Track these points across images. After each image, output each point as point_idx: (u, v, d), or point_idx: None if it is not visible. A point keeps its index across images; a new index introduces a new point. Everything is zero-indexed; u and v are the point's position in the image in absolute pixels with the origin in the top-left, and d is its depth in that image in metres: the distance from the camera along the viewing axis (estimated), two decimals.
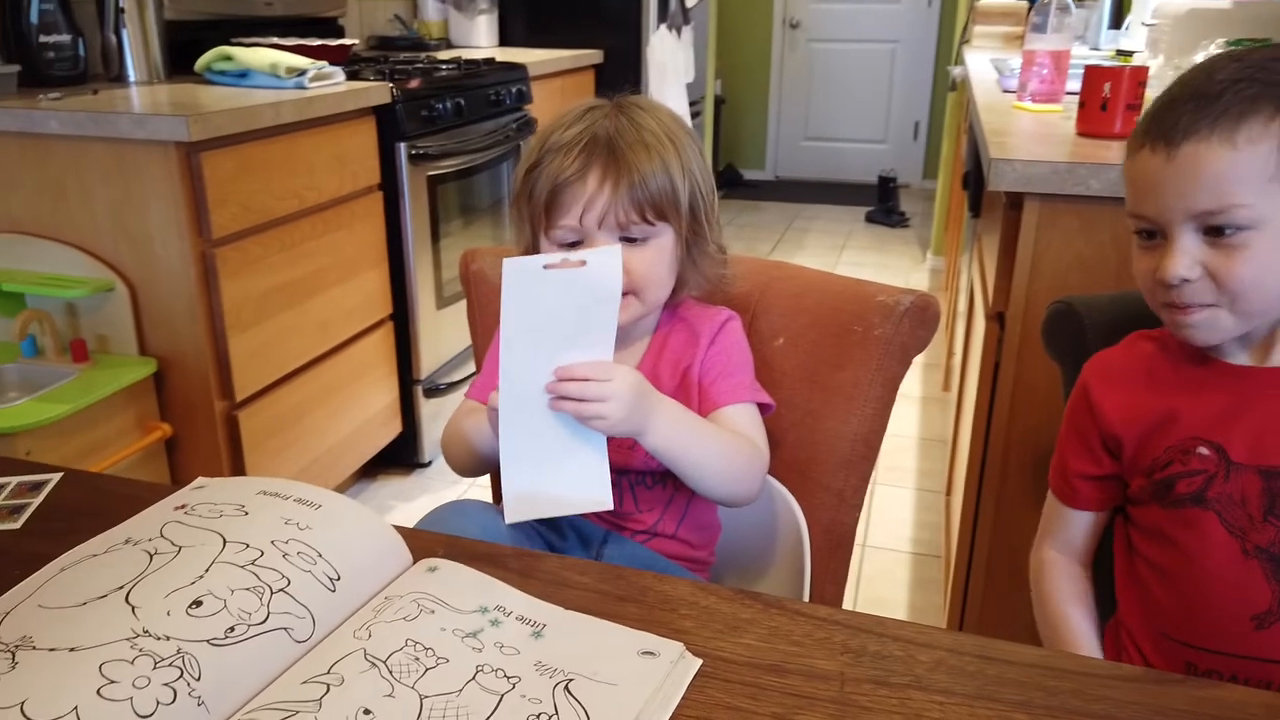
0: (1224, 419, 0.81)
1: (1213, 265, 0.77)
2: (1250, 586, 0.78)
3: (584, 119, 0.94)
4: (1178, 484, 0.82)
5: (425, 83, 2.38)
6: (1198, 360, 0.85)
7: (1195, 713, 0.56)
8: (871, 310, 0.98)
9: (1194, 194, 0.76)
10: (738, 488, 0.93)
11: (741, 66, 6.15)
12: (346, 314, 2.17)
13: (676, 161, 0.92)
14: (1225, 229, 0.76)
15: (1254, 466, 0.79)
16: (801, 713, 0.56)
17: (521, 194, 0.95)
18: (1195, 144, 0.75)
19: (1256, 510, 0.78)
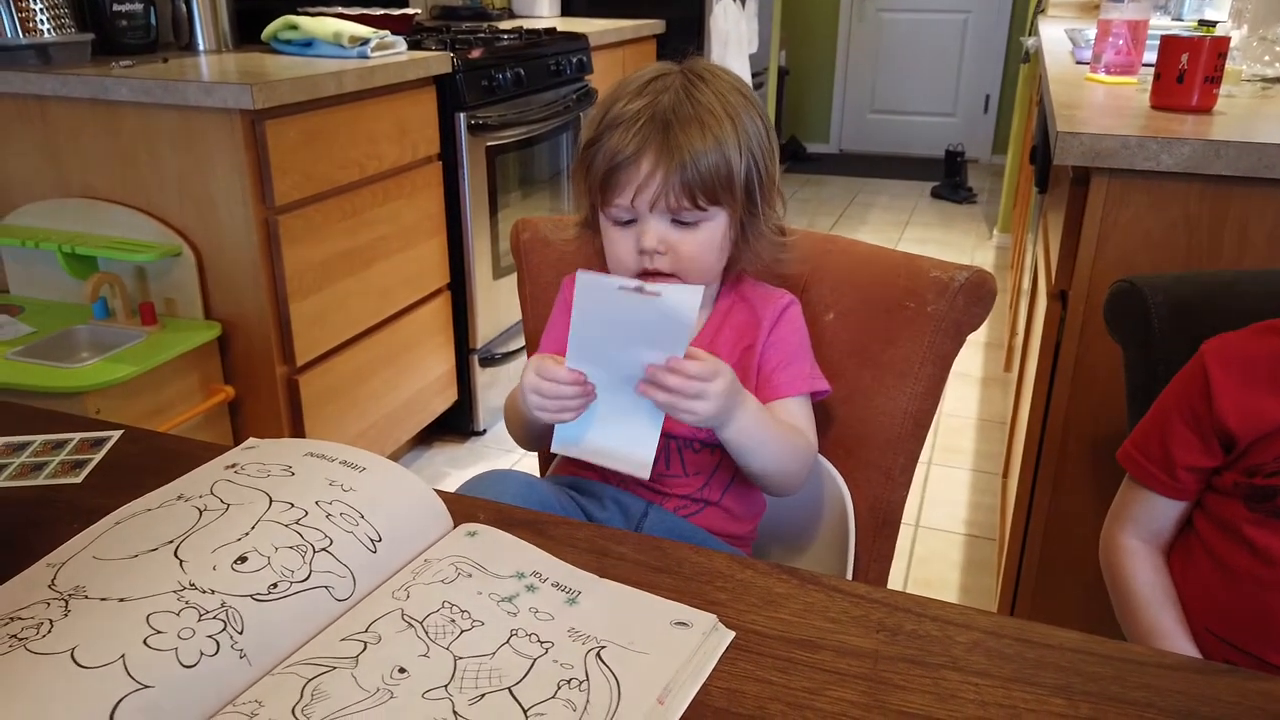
0: None
1: None
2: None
3: (646, 91, 0.92)
4: (1278, 496, 0.78)
5: (486, 52, 2.39)
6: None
7: (1242, 704, 0.54)
8: (925, 286, 0.96)
9: None
10: (788, 481, 0.94)
11: (808, 37, 6.04)
12: (405, 282, 2.20)
13: (734, 140, 0.90)
14: None
15: None
16: (832, 688, 0.55)
17: (581, 165, 0.95)
18: None
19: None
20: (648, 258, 0.91)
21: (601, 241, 0.96)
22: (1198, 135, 1.25)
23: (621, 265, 0.94)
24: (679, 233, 0.91)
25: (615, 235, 0.93)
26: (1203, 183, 1.23)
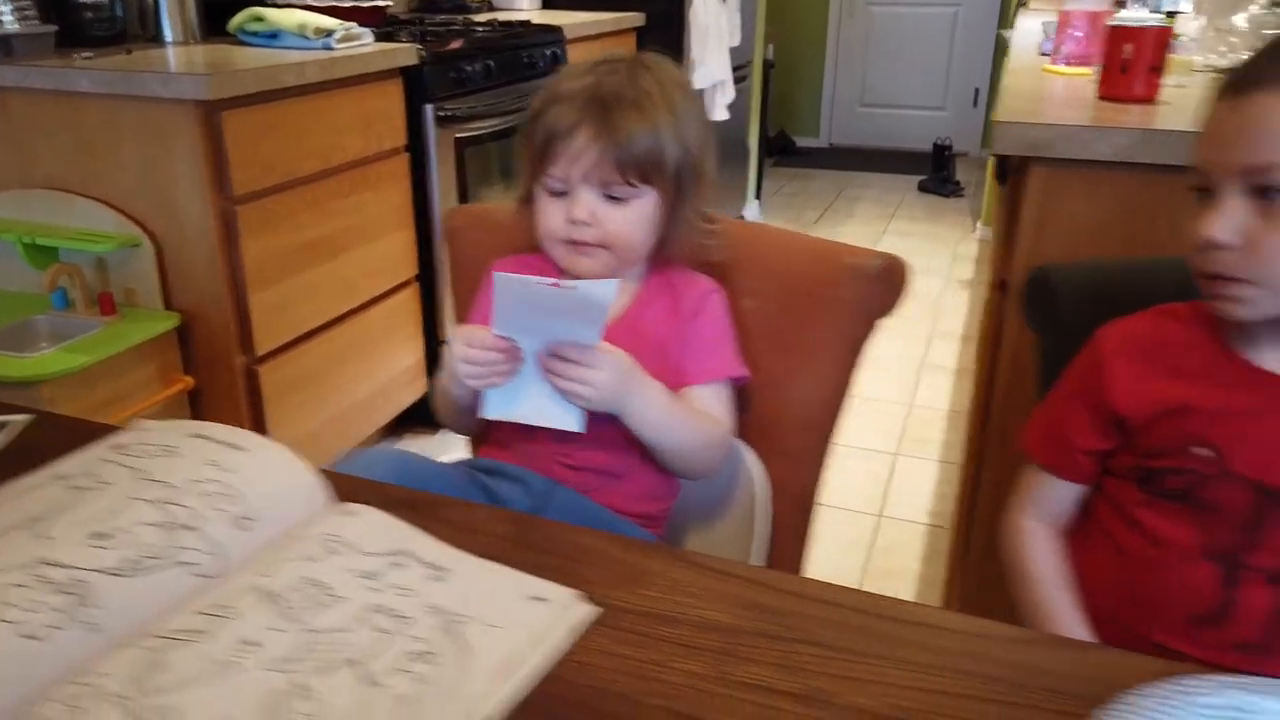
0: (1233, 424, 0.77)
1: (1255, 233, 0.70)
2: (1202, 588, 0.76)
3: (592, 72, 0.96)
4: (1168, 478, 0.79)
5: (455, 44, 2.39)
6: (1223, 352, 0.79)
7: (1090, 678, 0.55)
8: (839, 272, 0.96)
9: (1245, 146, 0.70)
10: (697, 465, 0.96)
11: (797, 30, 6.03)
12: (371, 274, 2.20)
13: (669, 127, 0.94)
14: (1273, 190, 0.70)
15: (1249, 480, 0.75)
16: (681, 661, 0.56)
17: (525, 133, 0.98)
18: (1260, 93, 0.70)
19: (1236, 521, 0.76)
20: (576, 228, 0.94)
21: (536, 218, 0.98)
22: (1137, 125, 1.25)
23: (551, 234, 0.97)
24: (609, 207, 0.95)
25: (548, 205, 0.96)
26: (1139, 172, 1.24)
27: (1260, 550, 0.75)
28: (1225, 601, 0.76)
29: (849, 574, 2.04)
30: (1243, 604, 0.75)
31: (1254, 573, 0.75)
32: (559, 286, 0.82)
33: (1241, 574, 0.75)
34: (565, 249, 0.96)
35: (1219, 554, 0.76)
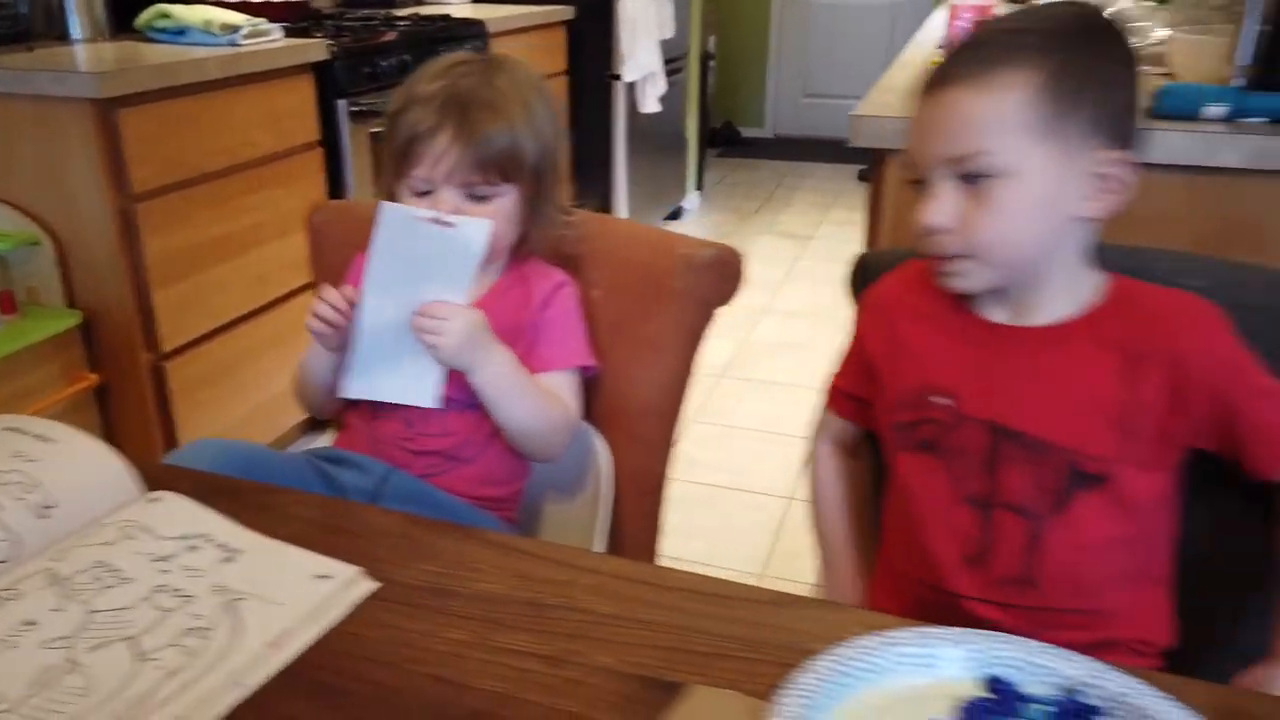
0: (964, 371, 0.82)
1: (966, 214, 0.76)
2: (964, 531, 0.81)
3: (448, 74, 1.00)
4: (919, 429, 0.84)
5: (372, 39, 2.41)
6: (956, 305, 0.85)
7: (809, 632, 0.60)
8: (674, 263, 1.01)
9: (946, 138, 0.75)
10: (541, 444, 1.00)
11: (738, 22, 6.08)
12: (285, 269, 2.22)
13: (526, 125, 0.99)
14: (976, 176, 0.75)
15: (982, 421, 0.80)
16: (449, 630, 0.60)
17: (385, 136, 1.02)
18: (954, 89, 0.75)
19: (977, 462, 0.80)
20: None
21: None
22: None
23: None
24: (472, 205, 0.98)
25: (413, 203, 0.99)
26: None
27: (1003, 488, 0.79)
28: (985, 540, 0.80)
29: (756, 556, 2.10)
30: (1000, 541, 0.79)
31: (1003, 510, 0.79)
32: (439, 222, 0.88)
33: (994, 513, 0.79)
34: None
35: (972, 497, 0.80)
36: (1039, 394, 0.79)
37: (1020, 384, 0.80)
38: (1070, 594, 0.79)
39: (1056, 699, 0.55)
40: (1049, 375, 0.79)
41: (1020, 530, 0.79)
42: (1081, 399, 0.78)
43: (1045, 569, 0.79)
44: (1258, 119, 1.21)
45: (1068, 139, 0.74)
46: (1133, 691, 0.53)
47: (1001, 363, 0.81)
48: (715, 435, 2.57)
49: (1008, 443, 0.79)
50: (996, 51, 0.75)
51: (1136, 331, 0.78)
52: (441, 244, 0.89)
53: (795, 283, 3.67)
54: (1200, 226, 1.19)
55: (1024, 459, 0.79)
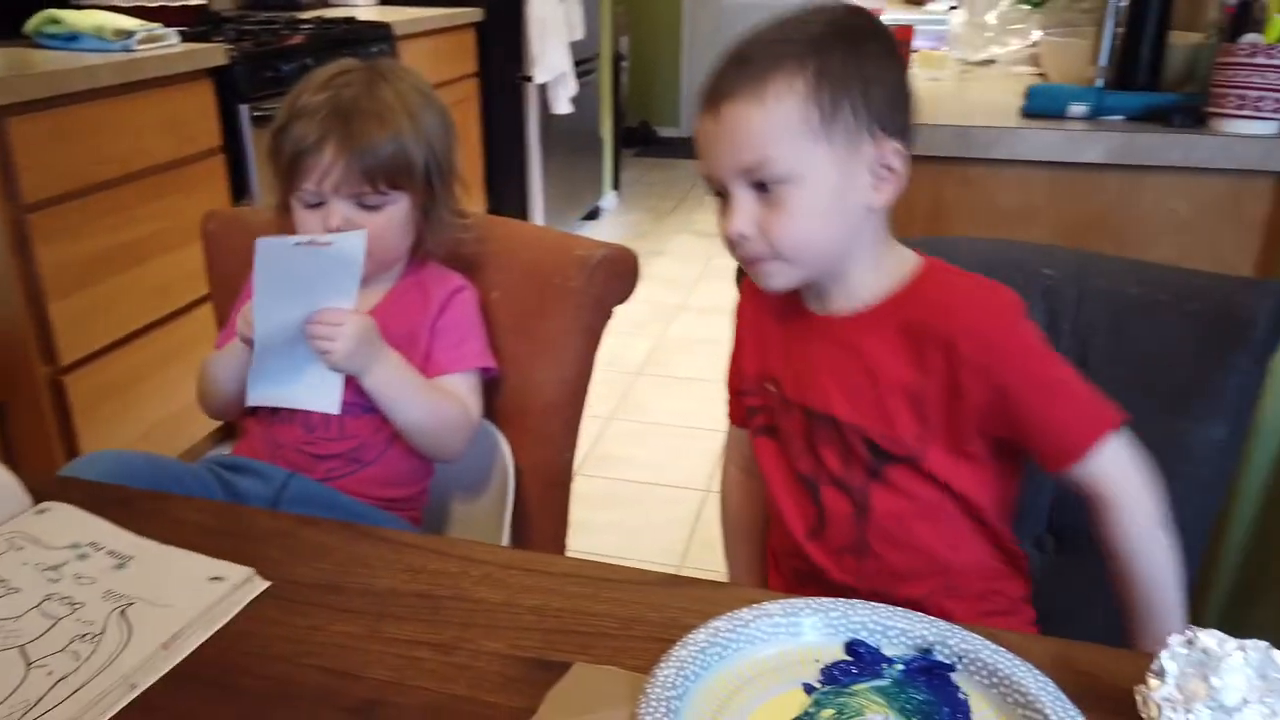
0: (786, 359, 0.87)
1: (764, 220, 0.78)
2: (800, 507, 0.86)
3: (330, 85, 1.00)
4: (758, 415, 0.90)
5: (274, 43, 2.38)
6: (788, 296, 0.88)
7: (689, 609, 0.63)
8: (569, 264, 1.04)
9: (735, 151, 0.77)
10: (439, 443, 1.02)
11: (650, 22, 6.14)
12: (187, 277, 2.18)
13: (412, 132, 1.00)
14: (767, 184, 0.77)
15: (799, 405, 0.85)
16: (337, 624, 0.62)
17: (271, 150, 1.01)
18: (732, 104, 0.77)
19: (801, 443, 0.85)
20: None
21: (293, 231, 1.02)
22: None
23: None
24: (363, 215, 0.99)
25: (305, 217, 1.00)
26: None
27: (825, 467, 0.84)
28: (820, 514, 0.85)
29: (674, 549, 2.14)
30: (831, 513, 0.84)
31: (828, 485, 0.84)
32: (315, 244, 0.89)
33: (822, 489, 0.84)
34: None
35: (802, 475, 0.85)
36: (841, 380, 0.83)
37: (825, 371, 0.84)
38: (905, 557, 0.83)
39: (911, 658, 0.59)
40: (849, 362, 0.83)
41: (845, 503, 0.83)
42: (879, 384, 0.81)
43: (875, 536, 0.83)
44: (1116, 117, 1.30)
45: (843, 136, 0.77)
46: (978, 648, 0.58)
47: (812, 350, 0.85)
48: (633, 432, 2.60)
49: (820, 426, 0.84)
50: (763, 63, 0.77)
51: (923, 317, 0.80)
52: (322, 261, 0.90)
53: (710, 280, 3.73)
54: (1063, 219, 1.27)
55: (835, 440, 0.83)
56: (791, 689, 0.57)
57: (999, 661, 0.57)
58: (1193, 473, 0.87)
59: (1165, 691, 0.53)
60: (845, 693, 0.57)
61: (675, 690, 0.55)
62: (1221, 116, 1.25)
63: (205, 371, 1.06)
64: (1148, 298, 0.90)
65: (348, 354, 0.94)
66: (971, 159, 1.30)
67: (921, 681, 0.57)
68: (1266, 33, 1.21)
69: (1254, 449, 1.28)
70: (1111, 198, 1.27)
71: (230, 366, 1.02)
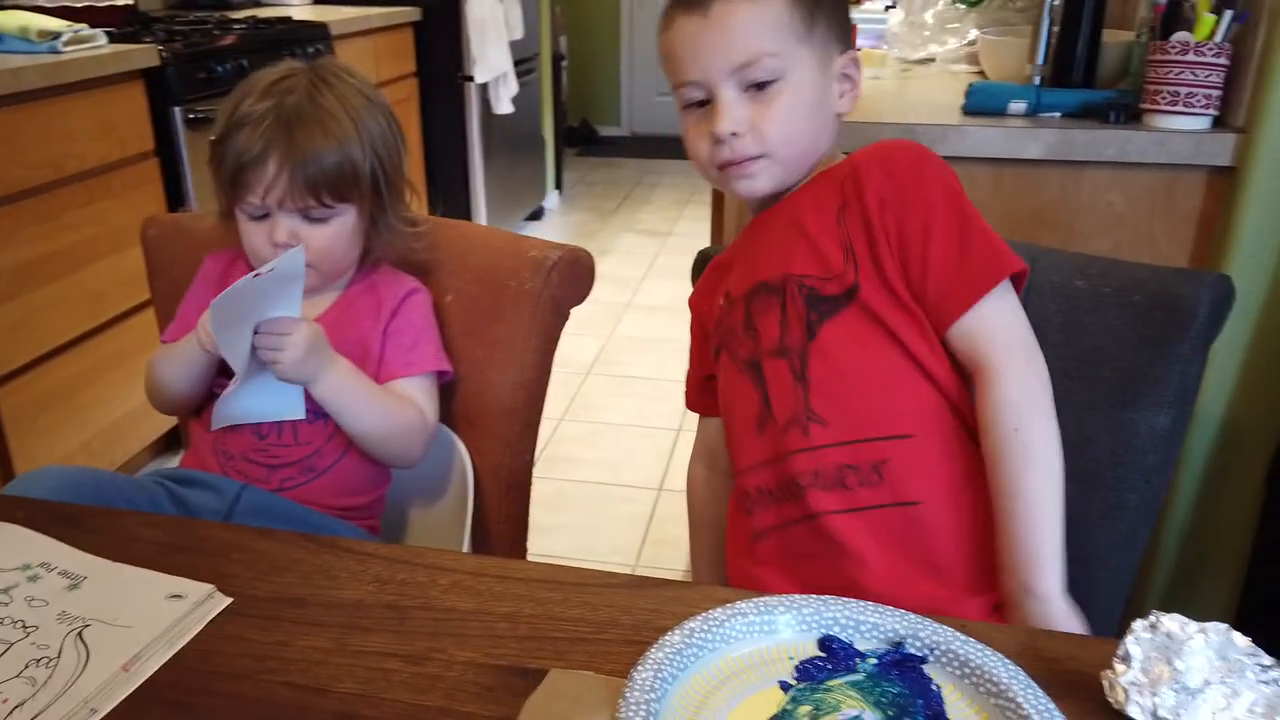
0: (740, 265, 0.90)
1: (754, 118, 0.82)
2: (746, 397, 0.86)
3: (272, 92, 0.96)
4: (721, 351, 0.91)
5: (206, 44, 2.32)
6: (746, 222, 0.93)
7: (660, 610, 0.63)
8: (524, 266, 1.03)
9: (729, 48, 0.81)
10: (393, 449, 1.00)
11: (590, 23, 6.13)
12: (123, 286, 2.12)
13: (357, 142, 0.97)
14: (760, 82, 0.81)
15: (741, 293, 0.87)
16: (304, 638, 0.61)
17: (213, 160, 0.98)
18: (723, 2, 0.81)
19: (741, 331, 0.87)
20: (280, 251, 0.95)
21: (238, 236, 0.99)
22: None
23: (258, 256, 0.99)
24: (310, 227, 0.97)
25: (250, 228, 0.98)
26: None
27: (762, 339, 0.85)
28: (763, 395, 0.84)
29: (629, 547, 2.14)
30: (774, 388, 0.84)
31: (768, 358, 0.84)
32: (257, 276, 0.87)
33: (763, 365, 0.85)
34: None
35: (746, 361, 0.86)
36: (777, 249, 0.86)
37: (764, 249, 0.88)
38: (851, 423, 0.80)
39: (884, 651, 0.60)
40: (785, 230, 0.86)
41: (785, 369, 0.83)
42: (809, 234, 0.84)
43: (819, 399, 0.81)
44: (1054, 114, 1.33)
45: (820, 42, 0.83)
46: (948, 639, 0.59)
47: (754, 242, 0.90)
48: (586, 433, 2.60)
49: (757, 298, 0.86)
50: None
51: (843, 171, 0.85)
52: (266, 284, 0.89)
53: (656, 279, 3.74)
54: (1009, 213, 1.30)
55: (771, 305, 0.84)
56: (768, 687, 0.57)
57: (970, 652, 0.58)
58: (1140, 461, 0.89)
59: (1131, 676, 0.54)
60: (821, 688, 0.57)
61: (653, 693, 0.54)
62: (1155, 112, 1.29)
63: (153, 369, 1.03)
64: (1093, 291, 0.92)
65: (295, 363, 0.92)
66: None
67: (895, 674, 0.58)
68: (1196, 31, 1.25)
69: (1192, 436, 1.33)
70: (1054, 193, 1.30)
71: (179, 365, 0.99)
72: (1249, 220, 1.25)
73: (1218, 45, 1.24)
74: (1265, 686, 0.53)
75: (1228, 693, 0.53)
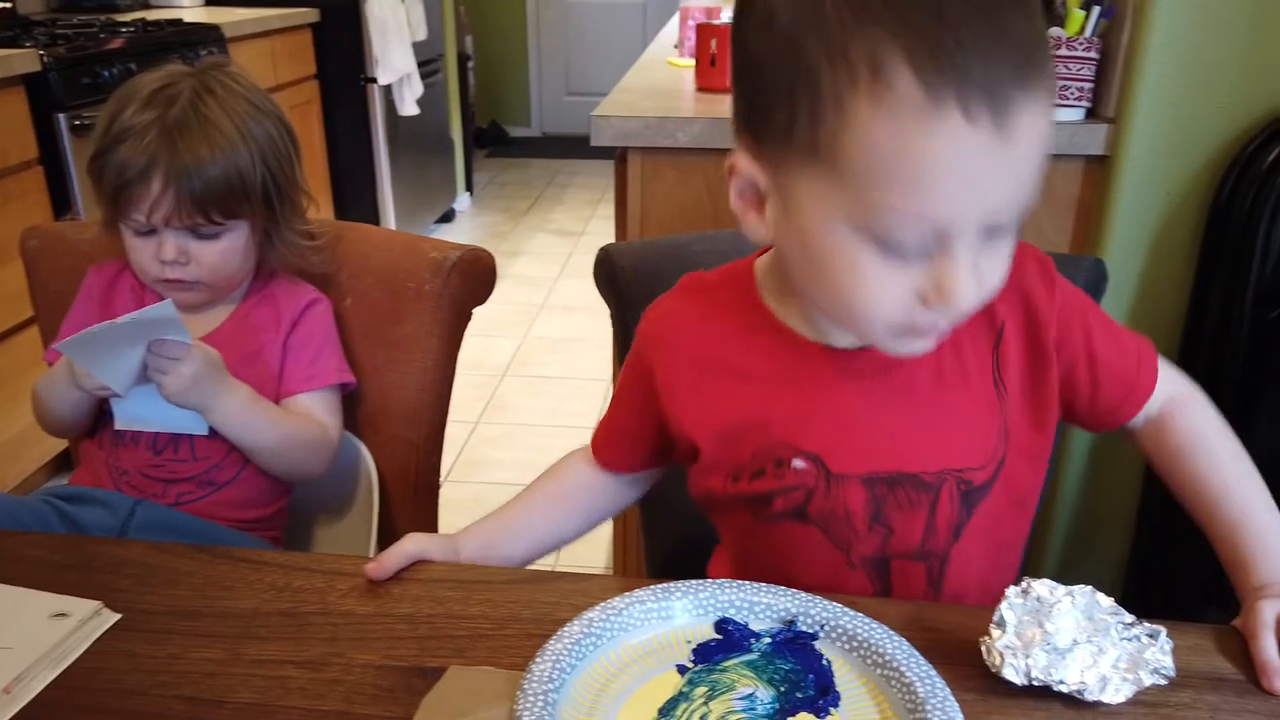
0: (816, 418, 0.67)
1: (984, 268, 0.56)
2: (855, 590, 0.69)
3: (154, 102, 0.92)
4: (775, 500, 0.69)
5: (91, 47, 2.24)
6: (781, 338, 0.68)
7: (561, 603, 0.64)
8: (424, 267, 1.02)
9: (1021, 183, 0.54)
10: (296, 468, 0.99)
11: (496, 22, 6.09)
12: (7, 300, 2.03)
13: (246, 154, 0.93)
14: (1002, 229, 0.56)
15: (855, 475, 0.67)
16: (197, 650, 0.60)
17: (92, 173, 0.94)
18: (1027, 114, 0.51)
19: (861, 522, 0.68)
20: (170, 268, 0.93)
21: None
22: (719, 114, 1.41)
23: (145, 272, 0.96)
24: (199, 244, 0.94)
25: (136, 244, 0.95)
26: (717, 156, 1.38)
27: (895, 538, 0.68)
28: (883, 592, 0.70)
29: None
30: (899, 590, 0.70)
31: (901, 561, 0.69)
32: (112, 327, 0.83)
33: (891, 567, 0.69)
34: (163, 286, 0.95)
35: (864, 559, 0.69)
36: (916, 420, 0.67)
37: (893, 416, 0.67)
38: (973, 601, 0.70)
39: (777, 631, 0.62)
40: (918, 390, 0.66)
41: (920, 575, 0.70)
42: (972, 405, 0.67)
43: (944, 596, 0.71)
44: None
45: None
46: (837, 615, 0.61)
47: (839, 398, 0.67)
48: (502, 435, 2.59)
49: (899, 490, 0.67)
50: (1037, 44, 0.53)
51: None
52: (139, 328, 0.86)
53: (570, 278, 3.74)
54: None
55: (920, 503, 0.67)
56: (665, 671, 0.59)
57: (857, 626, 0.60)
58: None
59: (1005, 640, 0.57)
60: (717, 669, 0.59)
61: (552, 683, 0.55)
62: None
63: (36, 393, 0.99)
64: None
65: (184, 390, 0.89)
66: None
67: (787, 652, 0.60)
68: (1067, 26, 1.31)
69: None
70: None
71: (58, 391, 0.95)
72: (1122, 206, 1.31)
73: (1087, 40, 1.30)
74: (1128, 643, 0.57)
75: (1094, 650, 0.56)
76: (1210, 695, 0.57)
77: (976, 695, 0.56)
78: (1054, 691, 0.56)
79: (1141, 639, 0.57)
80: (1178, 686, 0.57)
